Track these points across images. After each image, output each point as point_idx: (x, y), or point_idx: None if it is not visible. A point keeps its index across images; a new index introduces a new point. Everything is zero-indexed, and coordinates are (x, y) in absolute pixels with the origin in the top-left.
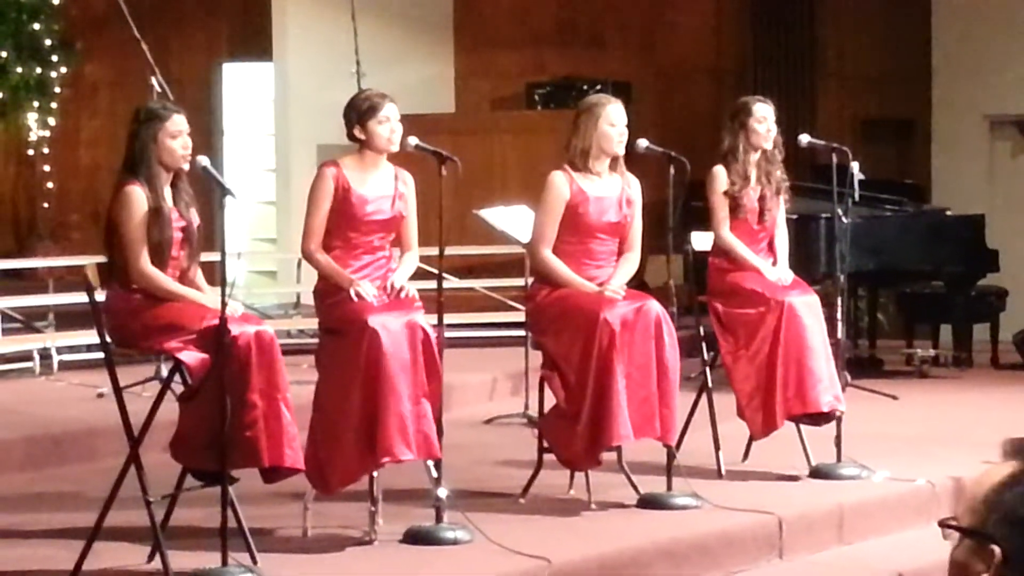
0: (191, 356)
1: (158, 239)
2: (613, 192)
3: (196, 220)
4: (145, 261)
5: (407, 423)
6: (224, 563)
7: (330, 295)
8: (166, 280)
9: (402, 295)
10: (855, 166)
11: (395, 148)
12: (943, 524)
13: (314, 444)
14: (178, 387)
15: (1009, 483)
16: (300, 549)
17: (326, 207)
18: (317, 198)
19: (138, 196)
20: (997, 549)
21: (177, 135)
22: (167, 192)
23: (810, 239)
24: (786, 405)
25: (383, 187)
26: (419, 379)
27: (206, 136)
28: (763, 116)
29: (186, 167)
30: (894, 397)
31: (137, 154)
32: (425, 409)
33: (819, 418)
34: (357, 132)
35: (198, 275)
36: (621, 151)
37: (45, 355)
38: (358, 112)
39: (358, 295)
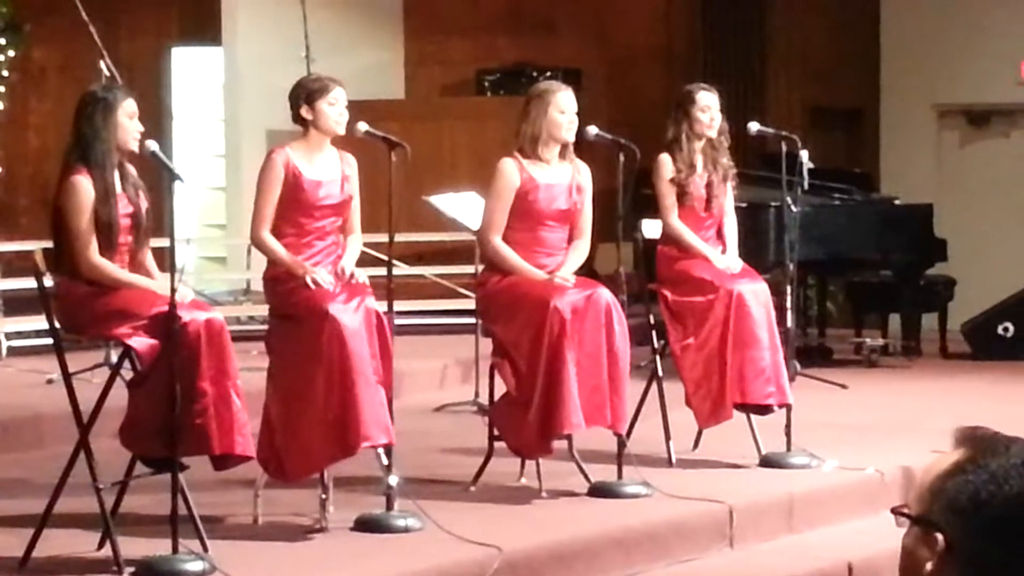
0: (141, 342)
1: (106, 224)
2: (563, 179)
3: (145, 204)
4: (94, 252)
5: (378, 408)
6: (174, 550)
7: (283, 282)
8: (116, 270)
9: (353, 280)
10: (804, 154)
11: (341, 131)
12: (895, 511)
13: (270, 433)
14: (128, 373)
15: (953, 472)
16: (251, 536)
17: (276, 193)
18: (266, 184)
19: (84, 187)
20: (940, 537)
21: (133, 116)
22: (116, 176)
23: (759, 228)
24: (731, 393)
25: (331, 171)
26: (376, 365)
27: (155, 121)
28: (706, 105)
29: (136, 149)
30: (843, 386)
31: (90, 138)
32: (383, 395)
33: (762, 409)
34: (304, 112)
35: (148, 258)
36: (571, 138)
37: None
38: (307, 91)
39: (315, 282)
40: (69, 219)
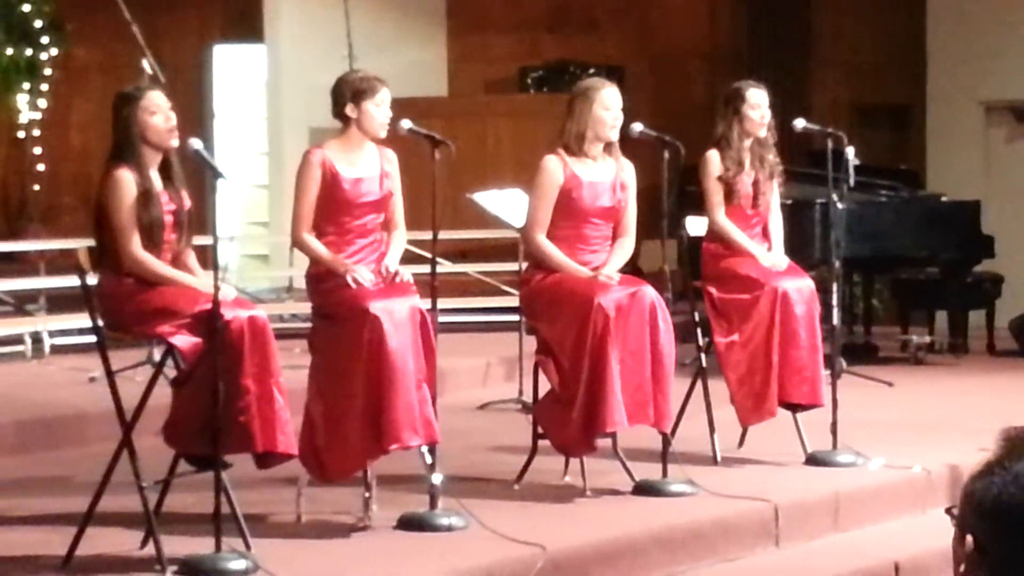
0: (184, 340)
1: (148, 221)
2: (607, 176)
3: (187, 202)
4: (137, 246)
5: (413, 409)
6: (217, 549)
7: (325, 280)
8: (159, 265)
9: (397, 279)
10: (850, 151)
11: (384, 134)
12: (947, 511)
13: (311, 431)
14: (171, 371)
15: (982, 472)
16: (294, 535)
17: (314, 193)
18: (304, 184)
19: (127, 180)
20: (969, 538)
21: (155, 111)
22: (155, 174)
23: (805, 225)
24: (779, 390)
25: (370, 168)
26: (420, 363)
27: (198, 119)
28: (757, 103)
29: (174, 144)
30: (889, 384)
31: (122, 138)
32: (426, 394)
33: (794, 407)
34: (349, 110)
35: (191, 257)
36: (615, 136)
37: (36, 339)
38: (354, 89)
39: (355, 281)
40: (111, 213)
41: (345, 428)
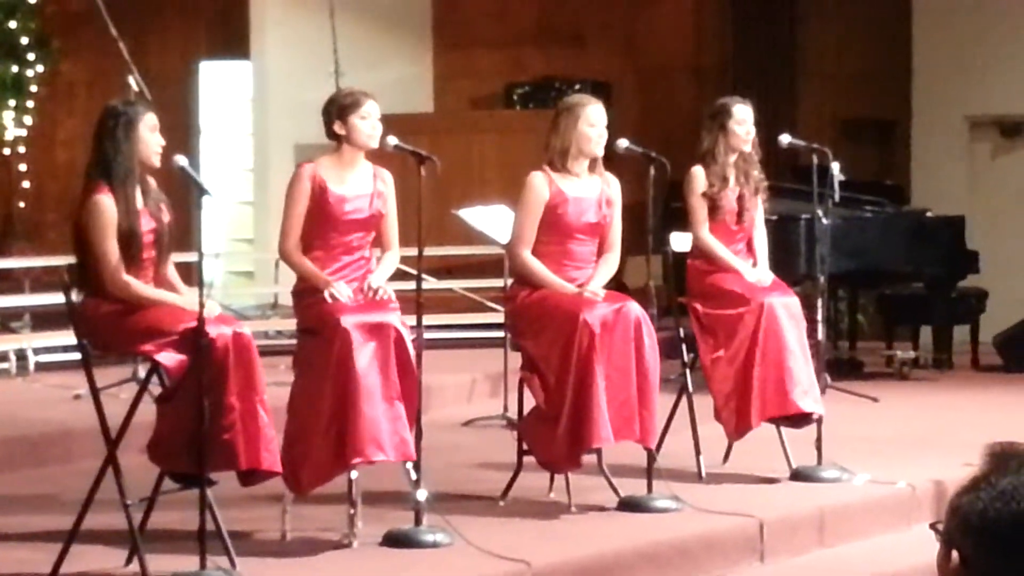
0: (169, 358)
1: (129, 242)
2: (592, 192)
3: (167, 218)
4: (120, 274)
5: (380, 424)
6: (202, 566)
7: (306, 296)
8: (143, 288)
9: (378, 296)
10: (835, 167)
11: (375, 145)
12: (931, 527)
13: (287, 444)
14: (155, 389)
15: (968, 488)
16: (279, 552)
17: (302, 207)
18: (293, 198)
19: (107, 207)
20: (955, 554)
21: (155, 129)
22: (137, 191)
23: (790, 240)
24: (763, 407)
25: (361, 186)
26: (392, 380)
27: (183, 135)
28: (742, 118)
29: (157, 164)
30: (874, 399)
31: (111, 154)
32: (399, 411)
33: (797, 420)
34: (337, 127)
35: (171, 272)
36: (600, 152)
37: (21, 356)
38: (340, 106)
39: (332, 296)
40: (94, 240)
41: (313, 440)
